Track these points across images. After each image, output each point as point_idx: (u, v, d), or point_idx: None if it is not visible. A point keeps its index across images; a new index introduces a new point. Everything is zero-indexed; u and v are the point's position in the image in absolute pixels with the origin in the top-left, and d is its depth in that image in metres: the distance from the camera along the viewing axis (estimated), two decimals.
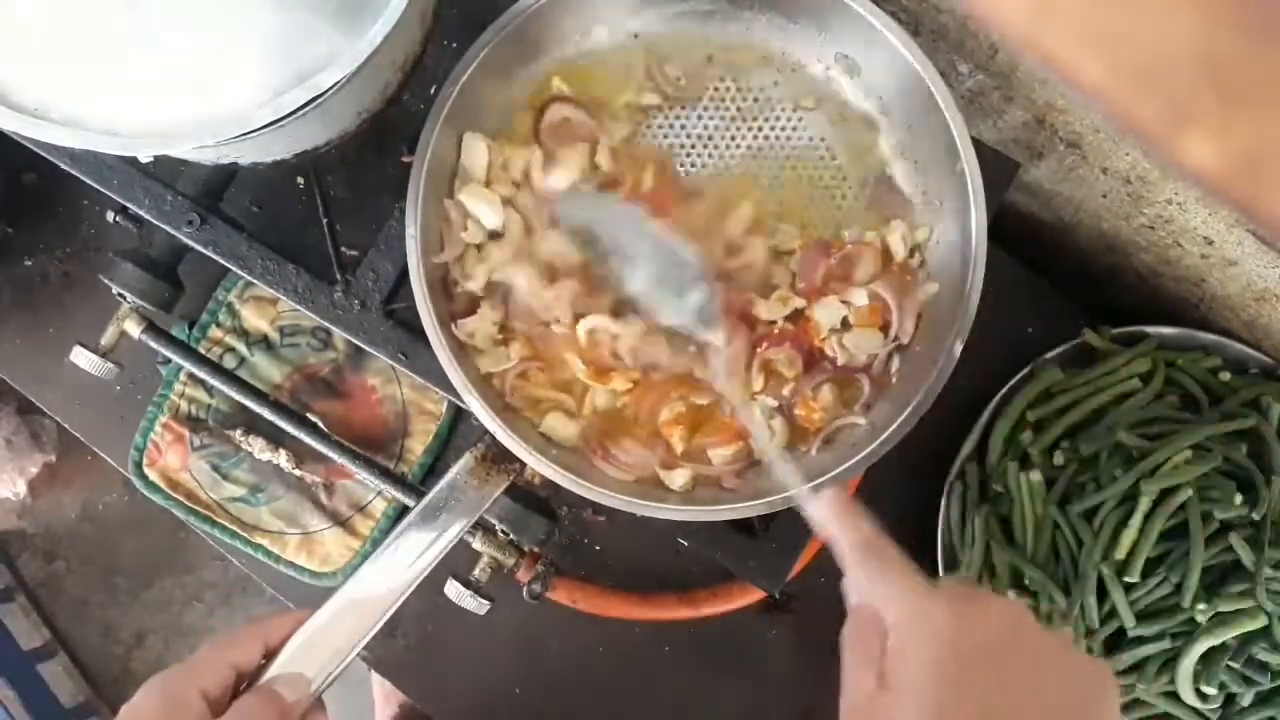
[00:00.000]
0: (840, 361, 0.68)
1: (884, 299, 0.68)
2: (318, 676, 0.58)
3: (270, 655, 0.58)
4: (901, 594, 0.47)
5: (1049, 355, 0.86)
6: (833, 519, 0.51)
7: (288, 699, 0.56)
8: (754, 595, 0.84)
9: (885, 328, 0.68)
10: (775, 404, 0.68)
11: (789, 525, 0.71)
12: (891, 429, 0.64)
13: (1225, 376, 0.84)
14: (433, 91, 0.67)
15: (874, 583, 0.48)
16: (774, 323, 0.68)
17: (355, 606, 0.61)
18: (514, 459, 0.66)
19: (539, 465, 0.64)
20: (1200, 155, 0.20)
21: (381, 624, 0.61)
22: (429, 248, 0.66)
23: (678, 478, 0.67)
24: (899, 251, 0.70)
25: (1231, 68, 0.19)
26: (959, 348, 0.65)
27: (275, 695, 0.56)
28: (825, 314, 0.68)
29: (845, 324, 0.69)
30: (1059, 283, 0.92)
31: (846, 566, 0.49)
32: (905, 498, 0.89)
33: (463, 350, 0.67)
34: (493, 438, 0.65)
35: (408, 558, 0.63)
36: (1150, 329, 0.86)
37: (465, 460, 0.67)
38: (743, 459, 0.68)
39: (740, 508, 0.64)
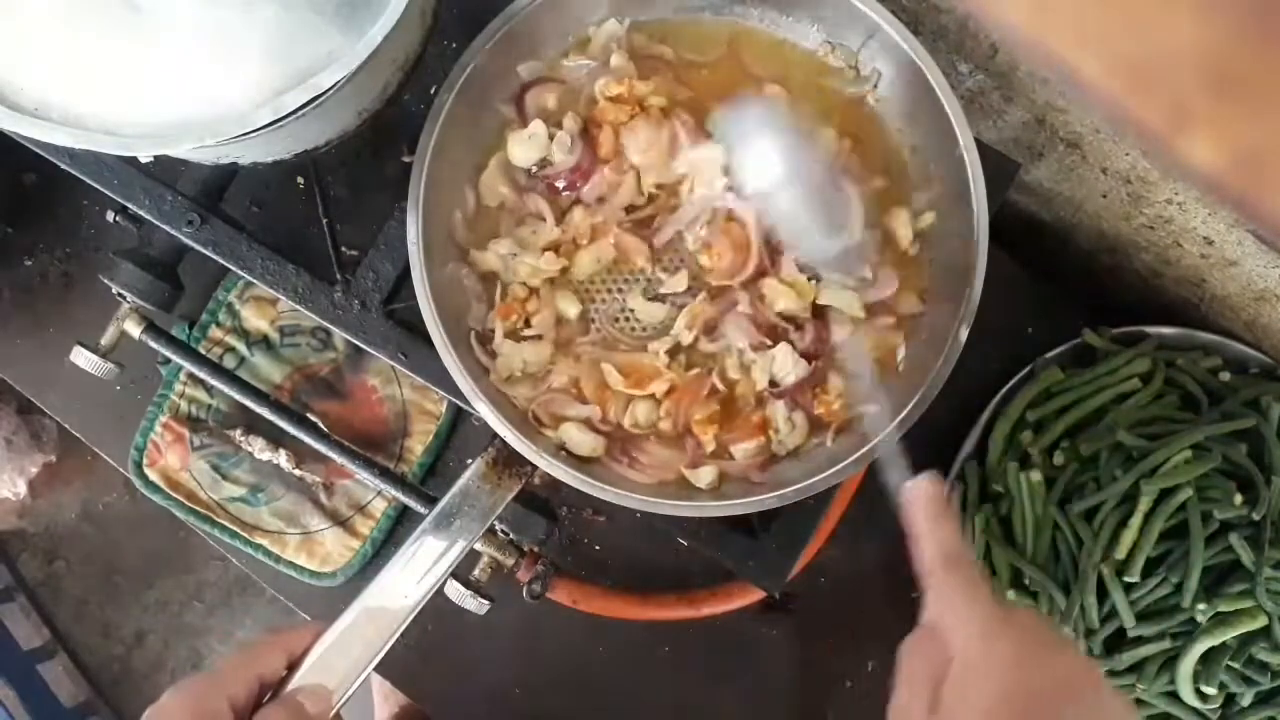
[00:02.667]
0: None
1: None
2: (339, 688, 0.57)
3: (292, 666, 0.58)
4: (973, 621, 0.46)
5: (1049, 355, 0.86)
6: (924, 519, 0.49)
7: (311, 711, 0.56)
8: (754, 595, 0.84)
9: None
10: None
11: (789, 525, 0.71)
12: (902, 415, 0.64)
13: (1225, 376, 0.84)
14: (433, 91, 0.67)
15: (949, 603, 0.47)
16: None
17: (373, 616, 0.60)
18: (525, 462, 0.65)
19: (553, 469, 0.63)
20: (1200, 155, 0.20)
21: (399, 634, 0.60)
22: (431, 252, 0.66)
23: (704, 475, 0.67)
24: (904, 238, 0.70)
25: (1231, 68, 0.19)
26: (964, 332, 0.65)
27: (299, 707, 0.56)
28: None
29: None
30: (1059, 283, 0.92)
31: (925, 575, 0.48)
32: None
33: (470, 354, 0.67)
34: (503, 442, 0.65)
35: (423, 566, 0.63)
36: (1150, 329, 0.86)
37: (476, 466, 0.67)
38: (764, 453, 0.68)
39: (749, 502, 0.64)
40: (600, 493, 0.63)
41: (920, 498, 0.50)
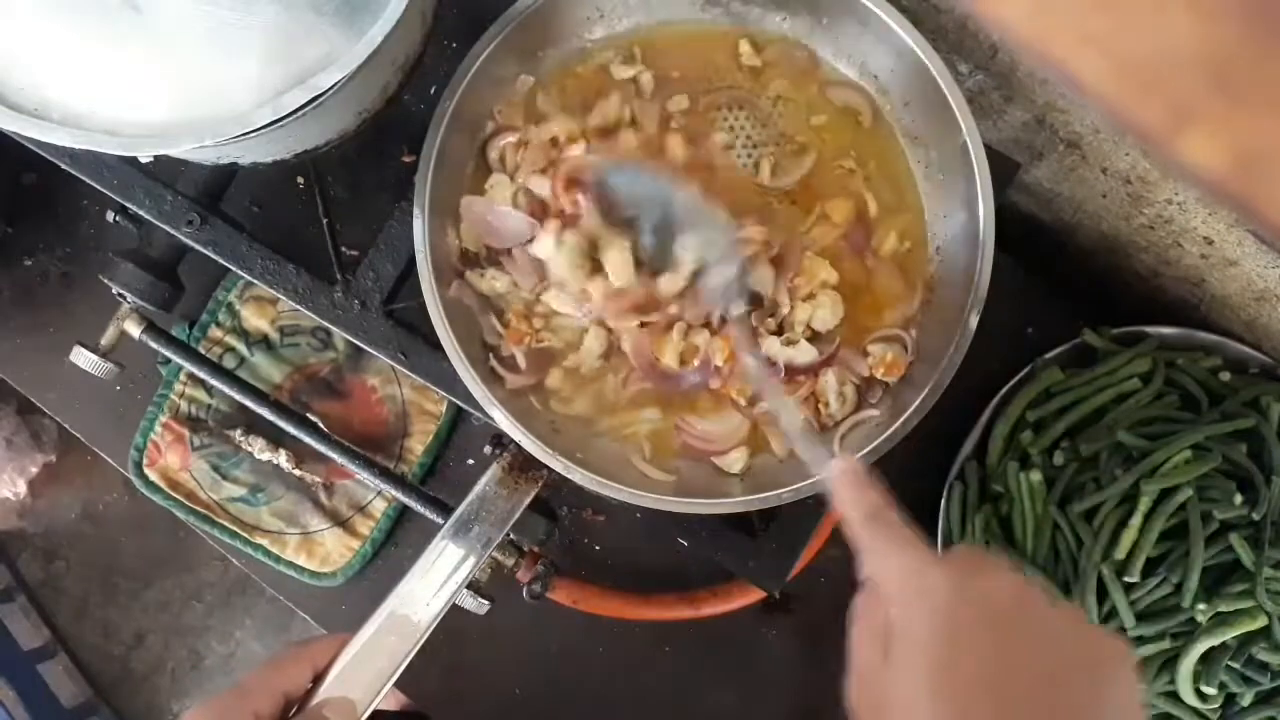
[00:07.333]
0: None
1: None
2: (363, 699, 0.57)
3: (317, 679, 0.58)
4: (903, 566, 0.46)
5: (1049, 355, 0.86)
6: (842, 487, 0.50)
7: None
8: (754, 595, 0.84)
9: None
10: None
11: (789, 525, 0.71)
12: (916, 404, 0.65)
13: (1225, 376, 0.84)
14: (433, 91, 0.67)
15: (876, 555, 0.47)
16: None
17: (396, 626, 0.60)
18: (541, 466, 0.65)
19: (569, 473, 0.63)
20: (1200, 155, 0.20)
21: (422, 643, 0.60)
22: (440, 267, 0.66)
23: (735, 461, 0.67)
24: (889, 247, 0.70)
25: (1231, 68, 0.19)
26: (975, 319, 0.65)
27: None
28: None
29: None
30: (1059, 283, 0.92)
31: (853, 537, 0.48)
32: (905, 498, 0.89)
33: (483, 363, 0.67)
34: (518, 446, 0.65)
35: (443, 573, 0.63)
36: (1150, 329, 0.86)
37: (493, 471, 0.67)
38: (813, 426, 0.68)
39: (749, 501, 0.65)
40: (615, 493, 0.63)
41: (841, 472, 0.50)
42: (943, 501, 0.85)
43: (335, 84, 0.50)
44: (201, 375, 0.80)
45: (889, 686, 0.44)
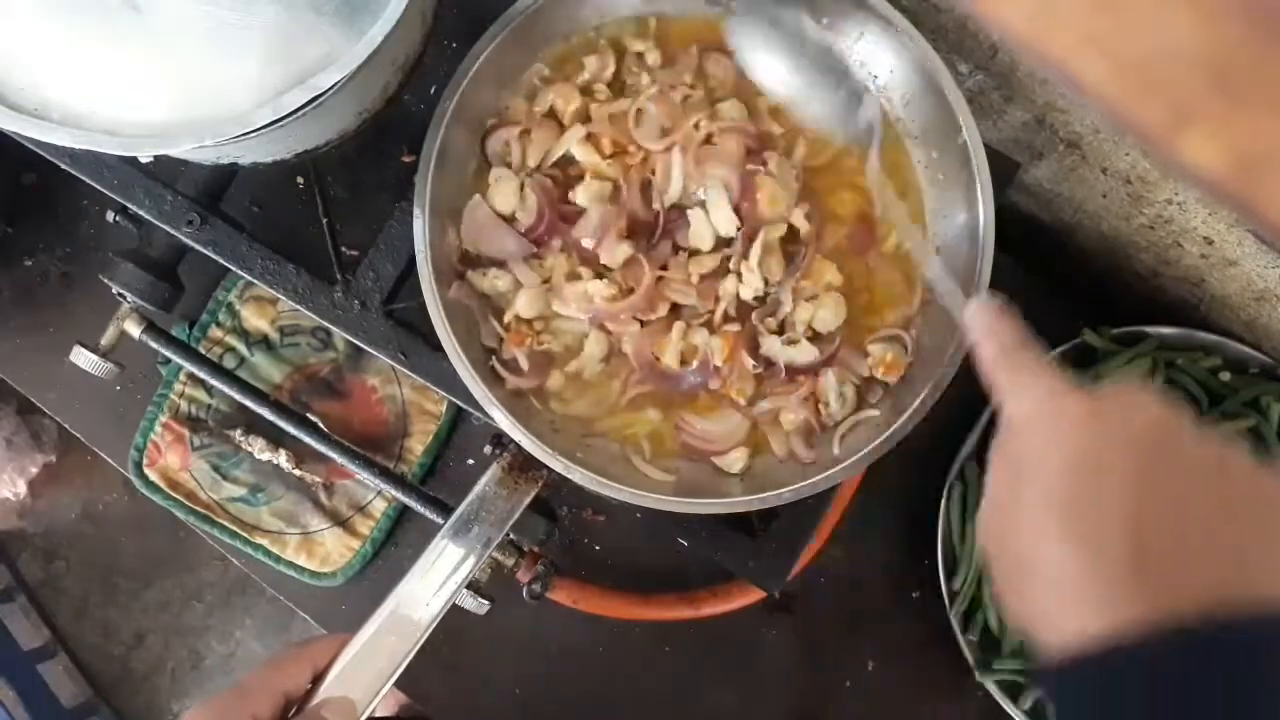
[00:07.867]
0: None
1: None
2: (363, 699, 0.57)
3: (317, 679, 0.58)
4: (1038, 394, 0.43)
5: (1049, 355, 0.86)
6: (979, 319, 0.47)
7: None
8: (754, 595, 0.84)
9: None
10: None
11: (789, 525, 0.71)
12: (916, 403, 0.65)
13: (1225, 376, 0.84)
14: (433, 91, 0.67)
15: (1011, 390, 0.44)
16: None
17: (395, 626, 0.60)
18: (541, 466, 0.65)
19: (570, 473, 0.63)
20: (1200, 155, 0.20)
21: (422, 643, 0.60)
22: (440, 267, 0.66)
23: (735, 461, 0.67)
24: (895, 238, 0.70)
25: (1231, 68, 0.19)
26: None
27: None
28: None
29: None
30: (1059, 283, 0.92)
31: (988, 374, 0.46)
32: (905, 498, 0.89)
33: (483, 364, 0.67)
34: (518, 446, 0.65)
35: (443, 573, 0.63)
36: (1150, 329, 0.86)
37: (493, 471, 0.67)
38: (811, 428, 0.68)
39: (749, 501, 0.65)
40: (616, 493, 0.63)
41: (979, 306, 0.48)
42: (943, 501, 0.85)
43: (335, 84, 0.50)
44: (201, 375, 0.80)
45: (1019, 516, 0.41)
